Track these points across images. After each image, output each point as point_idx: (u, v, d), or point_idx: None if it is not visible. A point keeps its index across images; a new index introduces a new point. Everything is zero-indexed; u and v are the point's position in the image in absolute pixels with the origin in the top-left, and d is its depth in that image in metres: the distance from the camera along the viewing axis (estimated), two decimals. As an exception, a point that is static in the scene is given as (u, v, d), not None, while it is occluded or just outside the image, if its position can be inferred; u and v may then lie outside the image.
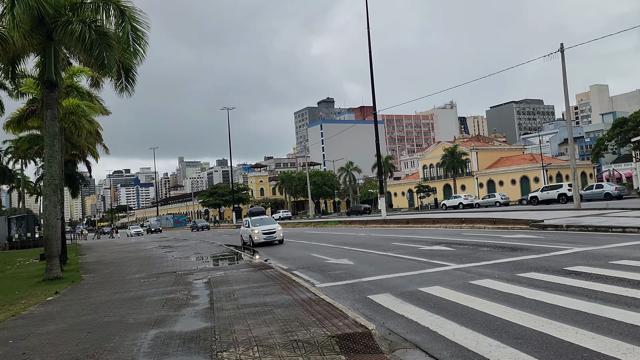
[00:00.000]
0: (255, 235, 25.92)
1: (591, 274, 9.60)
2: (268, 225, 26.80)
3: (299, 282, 11.54)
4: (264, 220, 27.99)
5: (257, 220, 27.77)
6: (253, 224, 26.92)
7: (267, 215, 30.03)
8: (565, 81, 26.59)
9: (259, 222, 27.34)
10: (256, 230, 26.04)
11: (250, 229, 26.60)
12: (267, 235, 26.09)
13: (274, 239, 26.28)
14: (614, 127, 66.79)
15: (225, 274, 14.59)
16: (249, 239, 26.66)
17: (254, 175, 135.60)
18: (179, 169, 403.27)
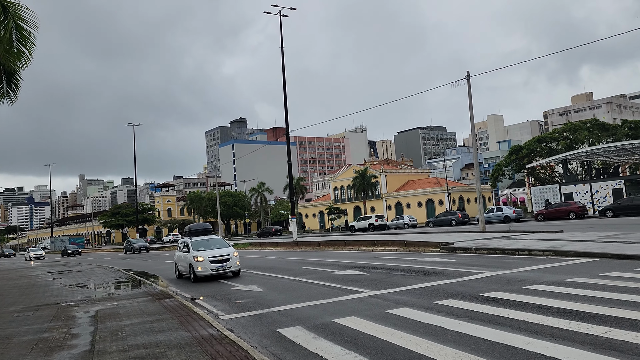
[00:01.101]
0: (198, 265, 17.82)
1: (509, 301, 9.28)
2: (217, 249, 18.55)
3: (201, 315, 10.30)
4: (211, 241, 19.35)
5: (200, 242, 19.20)
6: (195, 247, 18.65)
7: (215, 235, 21.05)
8: (471, 106, 27.54)
9: (203, 244, 18.95)
10: (200, 257, 17.91)
11: (190, 254, 18.51)
12: (218, 265, 17.82)
13: (227, 270, 18.08)
14: (510, 154, 71.12)
15: (117, 305, 12.94)
16: (188, 269, 18.66)
17: (161, 194, 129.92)
18: (79, 187, 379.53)
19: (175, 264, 20.97)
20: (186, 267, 18.97)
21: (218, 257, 17.94)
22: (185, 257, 19.08)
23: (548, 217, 42.57)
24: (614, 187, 44.99)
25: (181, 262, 19.74)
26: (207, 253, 18.09)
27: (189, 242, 19.17)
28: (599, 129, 66.06)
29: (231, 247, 19.05)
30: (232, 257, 18.18)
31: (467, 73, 27.56)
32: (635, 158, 54.82)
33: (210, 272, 17.72)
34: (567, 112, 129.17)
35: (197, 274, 17.86)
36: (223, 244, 19.42)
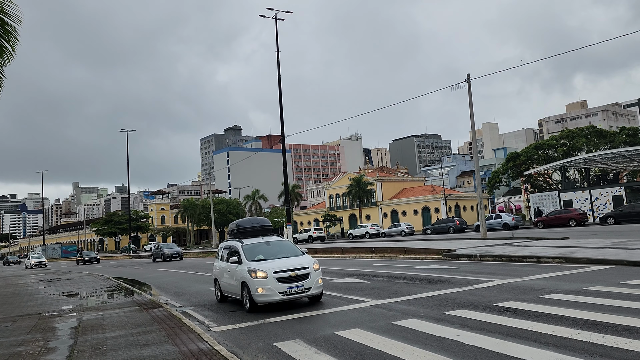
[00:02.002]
0: (258, 285, 11.05)
1: (527, 312, 8.50)
2: (286, 258, 11.88)
3: (191, 327, 9.46)
4: (273, 246, 12.65)
5: (257, 246, 12.52)
6: (250, 256, 12.02)
7: (279, 236, 13.75)
8: (471, 109, 26.92)
9: (262, 250, 12.35)
10: (262, 273, 11.13)
11: (243, 266, 11.74)
12: (290, 286, 11.08)
13: (304, 293, 11.28)
14: (507, 161, 70.64)
15: (102, 316, 12.08)
16: (240, 289, 11.86)
17: (154, 202, 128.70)
18: (72, 195, 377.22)
19: (216, 280, 13.85)
20: (235, 285, 12.01)
21: (290, 273, 10.95)
22: (233, 271, 12.12)
23: (548, 224, 41.91)
24: (614, 194, 44.42)
25: (226, 278, 12.81)
26: (272, 265, 11.25)
27: (238, 248, 12.31)
28: (597, 136, 65.71)
29: (306, 255, 12.03)
30: (311, 271, 11.17)
31: (467, 76, 26.95)
32: (634, 165, 54.38)
33: (278, 297, 10.81)
34: (563, 119, 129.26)
35: (257, 299, 10.92)
36: (292, 249, 12.43)
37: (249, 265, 11.44)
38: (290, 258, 11.79)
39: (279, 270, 11.07)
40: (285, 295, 10.93)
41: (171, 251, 44.08)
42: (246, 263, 11.62)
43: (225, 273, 13.00)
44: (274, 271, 11.01)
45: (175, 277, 24.66)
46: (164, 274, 27.83)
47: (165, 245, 47.34)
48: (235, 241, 13.00)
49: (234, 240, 13.20)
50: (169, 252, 43.58)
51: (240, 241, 12.76)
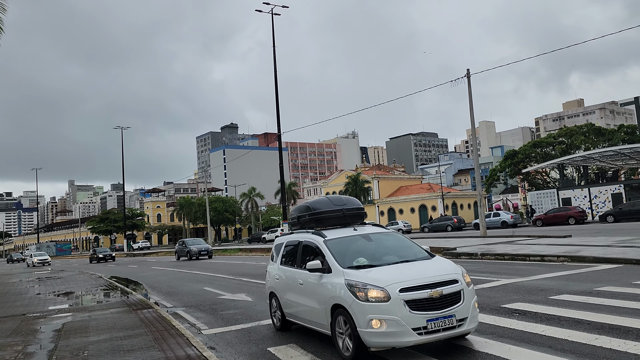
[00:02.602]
0: (374, 314, 6.09)
1: (538, 314, 7.99)
2: (408, 263, 6.88)
3: (180, 330, 8.92)
4: (377, 242, 7.55)
5: (352, 241, 7.50)
6: (342, 258, 7.01)
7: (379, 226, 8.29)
8: (471, 104, 26.44)
9: (361, 248, 7.32)
10: (377, 292, 6.17)
11: (336, 279, 6.70)
12: (433, 317, 6.07)
13: (455, 329, 6.18)
14: (505, 159, 70.29)
15: (88, 317, 11.51)
16: (329, 317, 6.81)
17: (150, 200, 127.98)
18: (68, 192, 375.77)
19: (273, 295, 8.88)
20: (317, 310, 7.17)
21: (430, 291, 6.22)
22: (313, 286, 7.28)
23: (547, 222, 41.51)
24: (613, 192, 44.05)
25: (295, 296, 7.94)
26: (391, 275, 6.45)
27: (320, 245, 7.46)
28: (595, 134, 65.39)
29: (440, 258, 7.34)
30: (463, 287, 6.49)
31: (467, 71, 26.47)
32: (632, 163, 54.04)
33: (412, 338, 6.03)
34: (561, 117, 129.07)
35: (371, 340, 6.15)
36: (410, 248, 7.52)
37: (349, 277, 6.41)
38: (415, 263, 6.78)
39: (410, 287, 6.08)
40: (425, 333, 5.96)
41: (198, 248, 37.70)
42: (340, 271, 6.61)
43: (292, 286, 7.88)
44: (399, 288, 6.04)
45: (169, 275, 24.13)
46: (158, 272, 27.28)
47: (191, 241, 40.49)
48: (310, 234, 7.85)
49: (305, 233, 8.12)
50: (196, 249, 37.37)
51: (319, 234, 7.62)
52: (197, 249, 37.50)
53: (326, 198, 8.43)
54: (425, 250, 7.39)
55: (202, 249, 37.50)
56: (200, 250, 37.44)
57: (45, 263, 52.15)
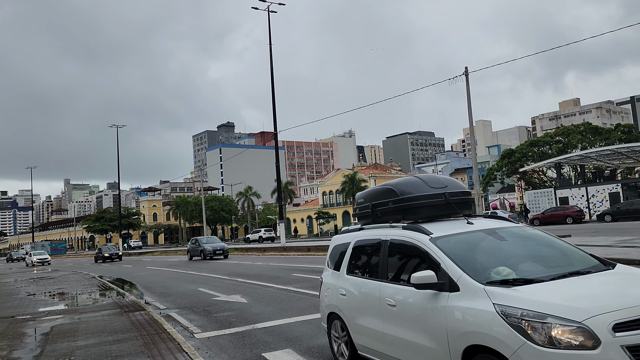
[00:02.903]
0: None
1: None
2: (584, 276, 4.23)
3: (172, 334, 8.61)
4: (512, 240, 4.93)
5: (477, 241, 4.87)
6: (471, 267, 4.37)
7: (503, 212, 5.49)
8: (469, 102, 26.21)
9: (494, 251, 4.75)
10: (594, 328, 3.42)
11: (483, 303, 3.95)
12: None
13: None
14: (502, 158, 70.15)
15: (78, 320, 11.20)
16: None
17: (146, 199, 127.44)
18: (64, 191, 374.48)
19: (338, 317, 6.14)
20: (429, 350, 4.47)
21: None
22: (416, 310, 4.67)
23: (544, 221, 41.36)
24: (610, 191, 43.92)
25: (378, 321, 5.24)
26: (582, 297, 3.72)
27: (424, 244, 4.81)
28: (592, 133, 65.35)
29: (624, 266, 4.65)
30: None
31: (465, 69, 26.24)
32: (630, 162, 53.98)
33: None
34: (557, 117, 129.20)
35: None
36: (572, 253, 4.81)
37: (501, 300, 3.89)
38: (595, 276, 4.29)
39: (628, 321, 3.49)
40: None
41: (213, 247, 34.29)
42: (477, 290, 4.12)
43: (374, 308, 5.35)
44: (612, 322, 3.46)
45: (163, 275, 23.83)
46: (152, 272, 26.97)
47: (205, 239, 36.58)
48: (400, 230, 5.35)
49: (388, 228, 5.58)
50: (210, 248, 33.97)
51: (418, 229, 5.09)
52: (211, 248, 34.00)
53: (417, 179, 5.76)
54: (591, 254, 4.84)
55: (217, 248, 34.27)
56: (215, 249, 34.10)
57: (45, 262, 50.11)
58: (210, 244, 34.88)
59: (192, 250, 36.48)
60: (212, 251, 33.86)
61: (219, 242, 36.11)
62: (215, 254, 33.88)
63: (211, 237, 38.84)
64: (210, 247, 34.28)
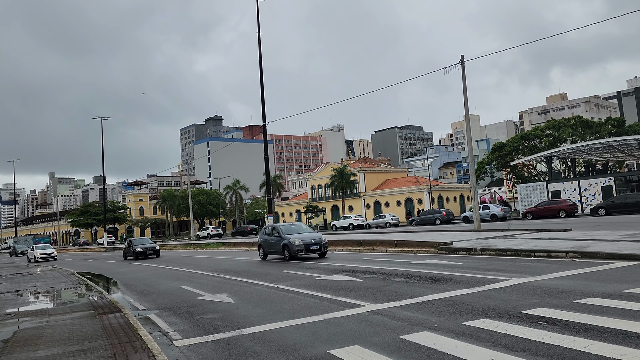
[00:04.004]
0: None
1: (569, 323, 6.78)
2: None
3: (147, 342, 7.56)
4: None
5: None
6: None
7: None
8: (465, 91, 25.30)
9: None
10: None
11: None
12: None
13: None
14: (493, 152, 69.54)
15: (46, 323, 10.10)
16: None
17: (132, 193, 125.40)
18: (49, 185, 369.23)
19: None
20: None
21: None
22: None
23: (537, 215, 40.79)
24: (603, 184, 43.43)
25: None
26: None
27: None
28: (583, 127, 64.93)
29: None
30: None
31: (461, 57, 25.31)
32: (621, 155, 53.60)
33: None
34: (546, 111, 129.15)
35: None
36: None
37: None
38: None
39: None
40: None
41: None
42: None
43: None
44: None
45: (147, 272, 22.68)
46: (136, 268, 25.81)
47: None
48: None
49: None
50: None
51: None
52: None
53: None
54: None
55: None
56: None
57: (50, 257, 44.92)
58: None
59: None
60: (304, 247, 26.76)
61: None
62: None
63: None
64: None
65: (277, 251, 22.11)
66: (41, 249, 46.68)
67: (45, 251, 45.81)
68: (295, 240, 21.04)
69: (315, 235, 21.83)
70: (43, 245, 50.07)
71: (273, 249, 22.56)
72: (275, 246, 22.27)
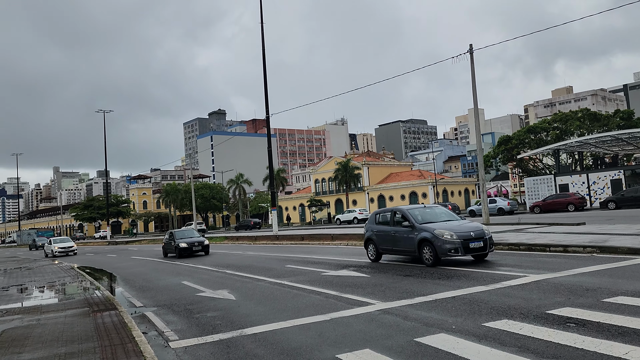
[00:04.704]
0: None
1: (602, 325, 6.17)
2: None
3: (140, 344, 7.00)
4: None
5: None
6: None
7: None
8: (474, 80, 24.58)
9: None
10: None
11: None
12: None
13: None
14: (499, 145, 68.76)
15: (36, 322, 9.56)
16: None
17: (136, 187, 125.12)
18: (53, 179, 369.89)
19: None
20: None
21: None
22: None
23: (545, 209, 40.06)
24: (612, 177, 42.66)
25: None
26: None
27: None
28: (590, 119, 64.03)
29: None
30: None
31: (469, 47, 24.60)
32: (630, 148, 52.70)
33: None
34: (552, 104, 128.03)
35: None
36: None
37: None
38: None
39: None
40: None
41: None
42: None
43: None
44: None
45: (147, 267, 22.19)
46: (136, 263, 25.31)
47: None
48: None
49: None
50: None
51: None
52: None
53: None
54: None
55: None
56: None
57: (70, 252, 40.60)
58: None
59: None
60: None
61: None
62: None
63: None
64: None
65: (406, 249, 14.20)
66: (59, 242, 42.61)
67: (64, 245, 41.69)
68: (443, 232, 12.77)
69: (474, 226, 13.50)
70: (62, 238, 45.84)
71: (397, 246, 14.56)
72: (403, 242, 14.18)
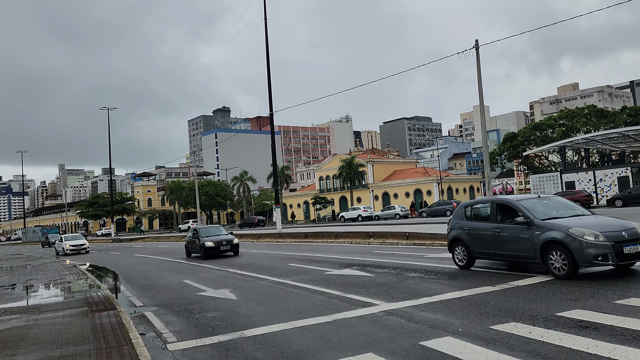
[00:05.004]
0: None
1: (616, 329, 5.92)
2: None
3: (137, 347, 6.80)
4: None
5: None
6: None
7: None
8: (479, 77, 24.26)
9: None
10: None
11: None
12: None
13: None
14: (504, 142, 68.33)
15: (34, 322, 9.39)
16: None
17: (140, 184, 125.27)
18: (58, 177, 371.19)
19: None
20: None
21: None
22: None
23: (551, 207, 39.69)
24: (619, 175, 42.22)
25: None
26: None
27: None
28: (597, 116, 63.50)
29: None
30: None
31: (475, 42, 24.28)
32: (637, 145, 52.20)
33: None
34: (558, 100, 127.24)
35: None
36: None
37: None
38: None
39: None
40: None
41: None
42: None
43: None
44: None
45: (150, 265, 22.03)
46: (139, 261, 25.16)
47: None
48: None
49: None
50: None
51: None
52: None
53: None
54: None
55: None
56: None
57: (81, 250, 38.63)
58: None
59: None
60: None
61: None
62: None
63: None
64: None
65: (519, 253, 10.24)
66: (71, 240, 40.56)
67: (76, 242, 39.63)
68: (583, 231, 9.18)
69: (620, 224, 10.04)
70: (73, 236, 43.65)
71: (503, 249, 10.61)
72: (513, 244, 10.32)
